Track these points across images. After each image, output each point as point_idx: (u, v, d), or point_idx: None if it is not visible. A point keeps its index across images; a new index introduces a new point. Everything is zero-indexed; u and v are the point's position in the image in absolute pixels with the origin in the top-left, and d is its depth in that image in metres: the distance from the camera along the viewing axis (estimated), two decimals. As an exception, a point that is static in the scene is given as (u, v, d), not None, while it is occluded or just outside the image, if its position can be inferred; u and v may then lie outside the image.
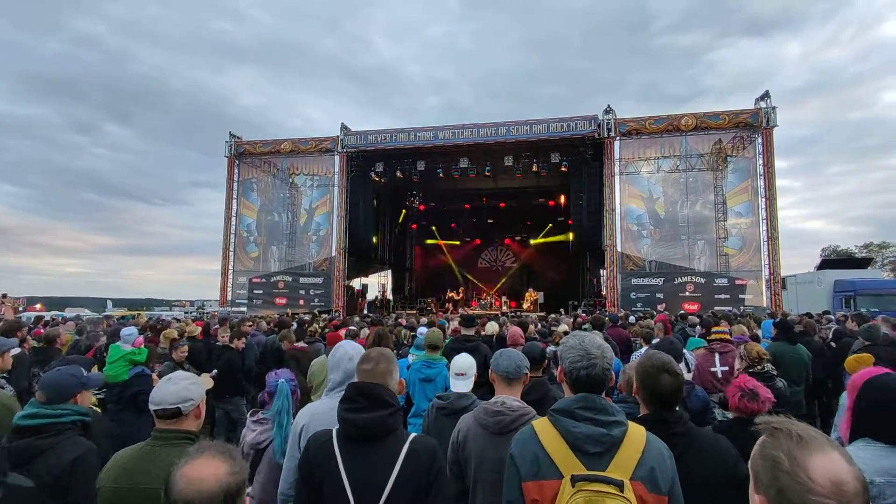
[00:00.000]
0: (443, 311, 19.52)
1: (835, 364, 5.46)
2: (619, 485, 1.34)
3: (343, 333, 6.47)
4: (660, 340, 5.44)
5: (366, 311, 20.04)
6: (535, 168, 19.62)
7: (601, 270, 20.05)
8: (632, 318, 10.30)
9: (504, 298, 24.05)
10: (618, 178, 18.32)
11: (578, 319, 9.09)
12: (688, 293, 17.49)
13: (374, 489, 1.60)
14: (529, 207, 25.98)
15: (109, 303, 36.36)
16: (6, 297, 17.89)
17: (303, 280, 21.16)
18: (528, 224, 26.75)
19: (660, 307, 15.62)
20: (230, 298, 21.53)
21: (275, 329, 8.01)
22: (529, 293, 23.31)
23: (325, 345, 6.10)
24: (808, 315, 9.56)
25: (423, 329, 6.19)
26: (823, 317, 10.51)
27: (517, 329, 4.75)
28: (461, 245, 28.43)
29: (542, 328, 7.64)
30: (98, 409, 3.48)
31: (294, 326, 7.86)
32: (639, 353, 5.41)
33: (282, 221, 21.68)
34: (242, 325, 7.23)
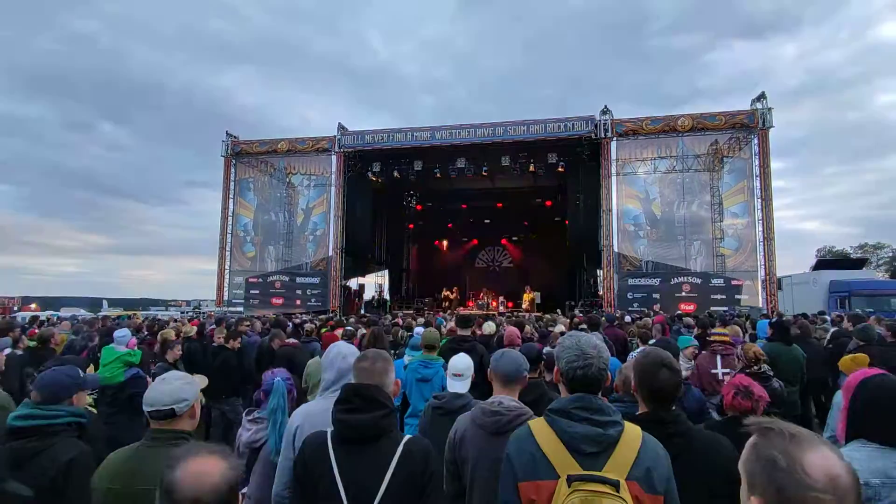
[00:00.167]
0: (440, 311, 19.52)
1: (835, 363, 5.46)
2: (615, 484, 1.34)
3: (339, 333, 6.47)
4: (656, 341, 5.45)
5: (363, 311, 20.03)
6: (533, 168, 19.66)
7: (598, 271, 20.10)
8: (628, 318, 10.33)
9: (501, 298, 24.07)
10: (615, 179, 18.36)
11: (575, 319, 9.09)
12: (684, 293, 17.55)
13: (368, 491, 1.60)
14: (526, 208, 26.02)
15: (105, 302, 36.20)
16: None
17: (299, 280, 21.14)
18: (526, 224, 26.77)
19: (656, 307, 15.65)
20: (227, 298, 21.48)
21: (270, 329, 7.98)
22: (527, 293, 23.33)
23: (321, 345, 6.09)
24: (804, 315, 9.61)
25: (420, 329, 6.19)
26: (819, 317, 10.55)
27: (514, 329, 4.74)
28: (458, 245, 28.44)
29: (540, 328, 7.62)
30: (93, 410, 3.45)
31: (290, 327, 7.85)
32: (635, 354, 5.42)
33: (278, 221, 21.66)
34: (239, 325, 7.21)
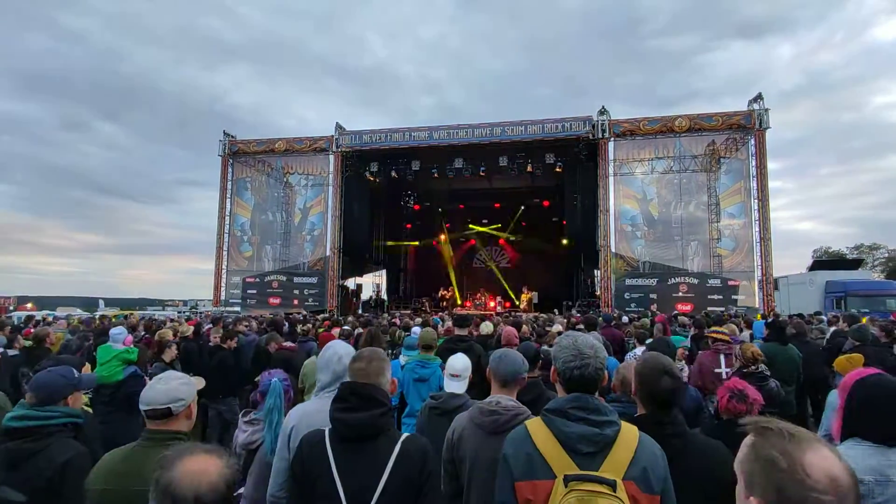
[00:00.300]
0: (437, 311, 19.51)
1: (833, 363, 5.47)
2: (612, 484, 1.34)
3: (336, 333, 6.47)
4: (654, 340, 5.46)
5: (360, 311, 20.00)
6: (530, 168, 19.68)
7: (595, 271, 20.13)
8: (625, 318, 10.35)
9: (499, 298, 24.07)
10: (612, 179, 18.41)
11: (572, 320, 9.10)
12: (681, 294, 17.59)
13: (366, 489, 1.60)
14: (524, 208, 26.02)
15: (101, 302, 36.03)
16: None
17: (297, 280, 21.11)
18: (523, 224, 26.78)
19: (653, 308, 15.68)
20: (224, 298, 21.43)
21: (266, 329, 7.95)
22: (525, 293, 23.34)
23: (318, 345, 6.07)
24: (800, 316, 9.64)
25: (417, 329, 6.19)
26: (815, 317, 10.59)
27: (511, 329, 4.74)
28: (456, 245, 28.42)
29: (537, 328, 7.61)
30: (89, 410, 3.42)
31: (286, 326, 7.83)
32: (633, 353, 5.44)
33: (276, 221, 21.62)
34: (237, 325, 7.19)
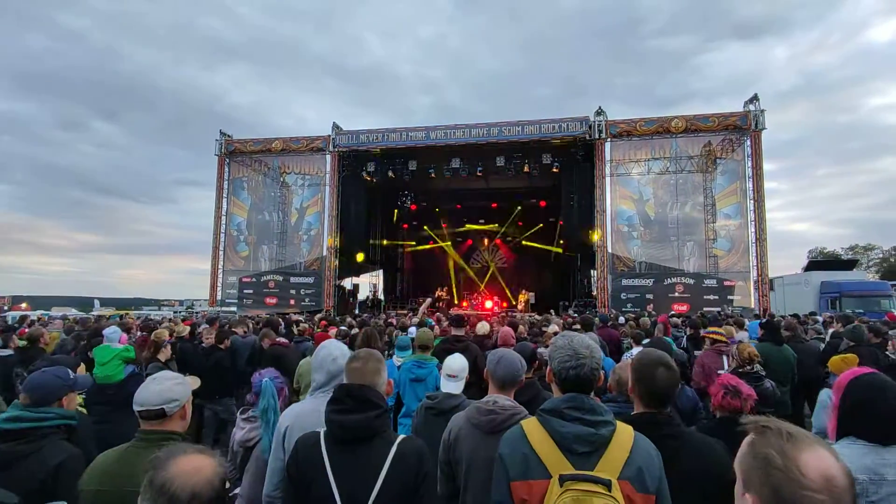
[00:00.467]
0: (433, 311, 19.49)
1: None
2: (607, 484, 1.34)
3: (333, 333, 6.45)
4: (651, 340, 5.48)
5: (357, 312, 19.98)
6: (527, 169, 19.67)
7: (592, 271, 20.16)
8: (621, 319, 10.37)
9: (495, 298, 24.09)
10: (608, 180, 18.42)
11: (568, 320, 9.11)
12: (677, 294, 17.64)
13: (362, 491, 1.60)
14: (521, 208, 26.04)
15: (97, 302, 35.90)
16: None
17: (293, 280, 21.04)
18: (520, 225, 26.80)
19: (649, 308, 15.72)
20: (220, 298, 21.35)
21: (262, 329, 7.92)
22: (522, 294, 23.36)
23: (314, 344, 6.06)
24: (795, 316, 9.67)
25: (414, 329, 6.18)
26: (810, 317, 10.64)
27: (508, 329, 4.75)
28: (453, 245, 28.41)
29: (533, 329, 7.59)
30: (84, 411, 3.39)
31: (282, 326, 7.81)
32: (629, 354, 5.44)
33: (272, 220, 21.55)
34: (234, 327, 7.16)
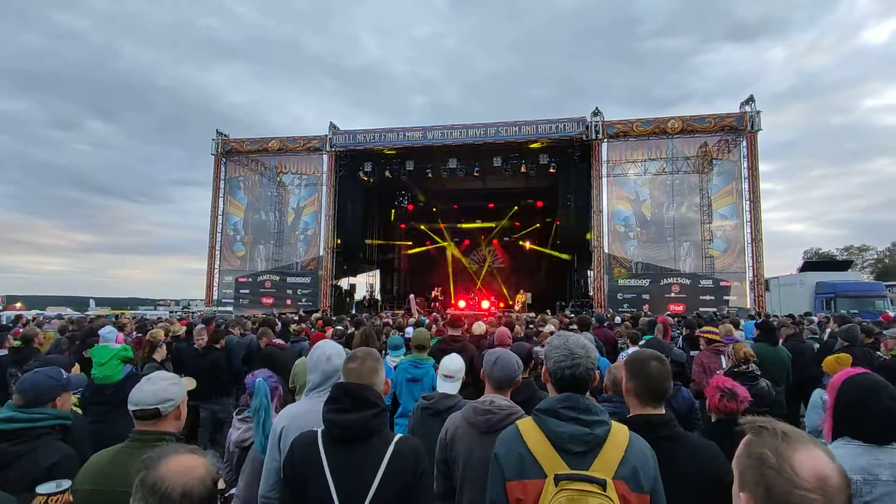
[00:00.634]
0: (429, 311, 19.48)
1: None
2: (602, 484, 1.34)
3: (329, 333, 6.45)
4: (647, 342, 5.48)
5: (353, 312, 19.96)
6: (524, 169, 19.68)
7: (588, 271, 20.19)
8: (617, 319, 10.39)
9: (492, 298, 24.11)
10: (605, 180, 18.47)
11: (565, 320, 9.12)
12: (673, 294, 17.69)
13: (359, 490, 1.60)
14: (518, 208, 26.07)
15: (92, 302, 35.67)
16: None
17: (290, 280, 20.99)
18: (517, 225, 26.83)
19: (645, 308, 15.75)
20: (216, 298, 21.28)
21: (258, 329, 7.90)
22: (519, 294, 23.38)
23: (310, 344, 6.05)
24: (790, 316, 9.72)
25: (410, 329, 6.19)
26: (805, 318, 10.68)
27: (505, 329, 4.76)
28: (450, 245, 28.41)
29: (529, 330, 7.60)
30: (79, 410, 3.37)
31: (279, 326, 7.79)
32: (625, 354, 5.44)
33: (269, 220, 21.50)
34: (231, 328, 7.14)
